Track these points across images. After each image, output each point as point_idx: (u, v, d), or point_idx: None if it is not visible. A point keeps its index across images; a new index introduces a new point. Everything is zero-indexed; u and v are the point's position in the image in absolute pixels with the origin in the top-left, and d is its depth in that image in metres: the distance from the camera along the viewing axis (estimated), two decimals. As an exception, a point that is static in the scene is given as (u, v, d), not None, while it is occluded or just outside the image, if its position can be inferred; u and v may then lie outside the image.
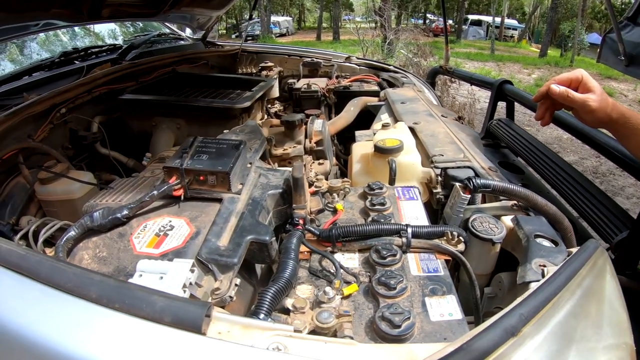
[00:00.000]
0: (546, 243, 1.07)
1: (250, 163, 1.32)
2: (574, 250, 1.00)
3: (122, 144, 2.16)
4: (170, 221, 1.09)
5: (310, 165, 1.79)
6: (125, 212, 1.09)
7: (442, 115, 2.11)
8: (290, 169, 1.41)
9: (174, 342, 0.64)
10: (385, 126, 1.81)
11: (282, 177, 1.30)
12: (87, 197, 1.60)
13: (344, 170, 2.27)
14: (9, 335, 0.70)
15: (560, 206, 1.32)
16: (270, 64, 3.30)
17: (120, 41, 3.54)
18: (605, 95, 1.24)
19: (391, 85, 3.01)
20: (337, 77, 3.23)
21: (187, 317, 0.66)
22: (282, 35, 36.60)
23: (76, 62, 2.58)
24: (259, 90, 2.29)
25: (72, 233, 1.06)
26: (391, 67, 3.35)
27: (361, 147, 1.71)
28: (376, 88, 2.92)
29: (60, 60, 2.51)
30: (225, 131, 1.66)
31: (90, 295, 0.71)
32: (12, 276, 0.77)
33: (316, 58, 3.42)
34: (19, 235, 1.34)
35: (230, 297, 0.91)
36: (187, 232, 1.05)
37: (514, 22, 41.37)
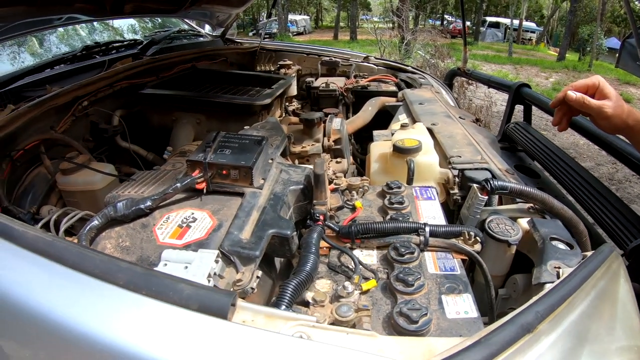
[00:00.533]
0: (561, 246, 1.09)
1: (272, 159, 1.34)
2: (589, 253, 1.01)
3: (141, 138, 2.19)
4: (192, 213, 1.11)
5: (328, 164, 1.81)
6: (148, 203, 1.12)
7: (459, 117, 2.12)
8: (309, 166, 1.43)
9: (201, 327, 0.66)
10: (404, 126, 1.82)
11: (303, 173, 1.32)
12: (108, 189, 1.63)
13: (360, 169, 2.29)
14: (37, 318, 0.72)
15: (575, 211, 1.32)
16: (288, 62, 3.32)
17: (138, 36, 3.59)
18: (622, 101, 1.24)
19: (409, 85, 3.01)
20: (355, 77, 3.24)
21: (213, 305, 0.68)
22: (299, 33, 36.62)
23: (97, 56, 2.61)
24: (278, 88, 2.31)
25: (95, 222, 1.08)
26: (409, 68, 3.36)
27: (379, 146, 1.73)
28: (394, 88, 2.92)
29: (82, 54, 2.55)
30: (246, 127, 1.68)
31: (118, 282, 0.73)
32: (40, 261, 0.78)
33: (334, 57, 3.43)
34: (40, 224, 1.37)
35: (252, 288, 0.93)
36: (210, 225, 1.07)
37: (532, 25, 40.95)
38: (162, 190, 1.16)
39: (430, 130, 1.84)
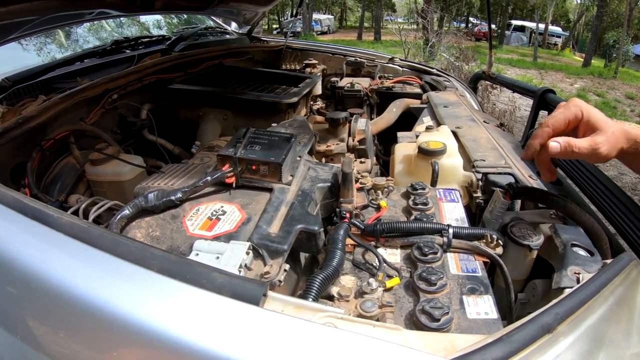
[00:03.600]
0: (582, 252, 1.09)
1: (300, 156, 1.37)
2: (609, 261, 1.02)
3: (168, 132, 2.23)
4: (222, 206, 1.15)
5: (353, 164, 1.83)
6: (179, 195, 1.15)
7: (484, 121, 2.12)
8: (337, 165, 1.45)
9: (235, 312, 0.69)
10: (429, 129, 1.83)
11: (331, 171, 1.35)
12: (136, 180, 1.68)
13: (383, 170, 2.30)
14: (75, 300, 0.75)
15: (597, 219, 1.32)
16: (314, 61, 3.35)
17: (164, 31, 3.65)
18: (612, 125, 1.02)
19: (433, 88, 3.01)
20: (380, 78, 3.25)
21: (246, 293, 0.71)
22: (323, 33, 36.61)
23: (127, 51, 2.67)
24: (305, 87, 2.34)
25: (126, 212, 1.12)
26: (434, 70, 3.36)
27: (404, 147, 1.74)
28: (419, 90, 2.93)
29: (112, 48, 2.61)
30: (273, 124, 1.71)
31: (152, 268, 0.76)
32: (77, 245, 0.82)
33: (360, 58, 3.45)
34: (69, 212, 1.40)
35: (280, 281, 0.95)
36: (239, 218, 1.10)
37: (558, 30, 40.41)
38: (192, 183, 1.19)
39: (454, 134, 1.85)
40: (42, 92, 1.85)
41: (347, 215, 1.13)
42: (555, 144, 1.02)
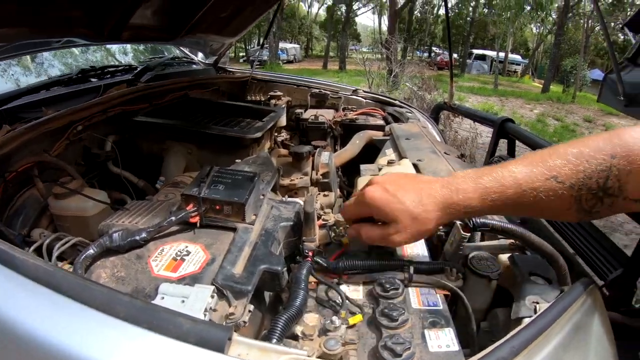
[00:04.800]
0: (540, 281, 1.14)
1: (263, 195, 1.39)
2: (567, 288, 1.07)
3: (133, 164, 2.22)
4: (186, 247, 1.15)
5: (316, 197, 1.85)
6: (143, 235, 1.15)
7: (445, 153, 2.18)
8: (299, 200, 1.48)
9: (202, 359, 0.71)
10: (390, 162, 1.88)
11: (293, 210, 1.37)
12: (100, 216, 1.66)
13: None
14: (39, 347, 0.75)
15: (557, 243, 1.37)
16: (279, 93, 3.40)
17: (130, 57, 3.66)
18: (418, 211, 0.99)
19: (396, 119, 3.08)
20: (343, 109, 3.32)
21: (211, 339, 0.72)
22: (289, 62, 37.02)
23: (93, 79, 2.66)
24: (269, 121, 2.37)
25: (91, 251, 1.11)
26: (396, 102, 3.44)
27: (366, 181, 1.78)
28: (381, 122, 3.00)
29: (78, 76, 2.60)
30: (237, 160, 1.72)
31: (119, 315, 0.77)
32: (41, 290, 0.82)
33: (324, 89, 3.52)
34: (32, 248, 1.39)
35: (244, 322, 0.96)
36: (204, 259, 1.11)
37: (517, 58, 41.87)
38: (157, 223, 1.20)
39: (415, 166, 1.90)
40: (6, 122, 1.82)
41: (310, 253, 1.15)
42: (350, 231, 1.14)
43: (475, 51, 40.84)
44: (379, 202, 1.02)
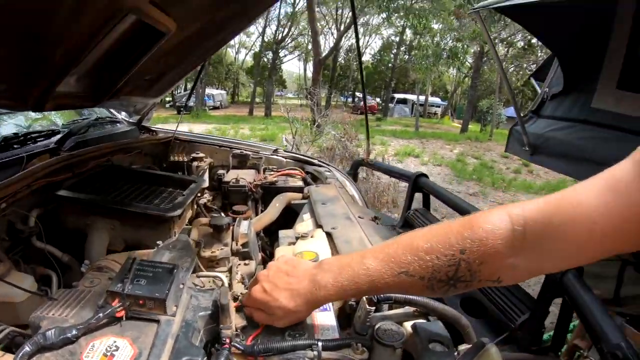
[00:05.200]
0: (439, 347, 1.25)
1: (183, 284, 1.48)
2: (464, 347, 1.23)
3: (57, 236, 2.21)
4: (115, 342, 1.22)
5: (237, 267, 1.95)
6: (74, 332, 1.21)
7: (359, 216, 2.34)
8: (217, 287, 1.59)
9: None
10: (304, 236, 2.01)
11: (211, 298, 1.46)
12: (28, 302, 1.66)
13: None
14: None
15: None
16: (201, 154, 3.48)
17: (55, 116, 3.60)
18: (288, 301, 1.24)
19: (315, 179, 3.25)
20: (264, 170, 3.47)
21: None
22: (215, 108, 36.91)
23: (16, 146, 2.61)
24: (190, 194, 2.45)
25: (27, 349, 1.15)
26: (315, 161, 3.63)
27: (283, 251, 1.91)
28: (301, 183, 3.17)
29: (1, 145, 2.55)
30: (159, 243, 1.80)
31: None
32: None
33: (245, 150, 3.66)
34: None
35: (169, 414, 1.05)
36: (131, 354, 1.18)
37: (437, 100, 43.84)
38: (87, 320, 1.26)
39: (329, 235, 2.04)
40: None
41: (227, 340, 1.25)
42: (247, 311, 1.37)
43: (397, 95, 42.47)
44: (260, 302, 1.27)
